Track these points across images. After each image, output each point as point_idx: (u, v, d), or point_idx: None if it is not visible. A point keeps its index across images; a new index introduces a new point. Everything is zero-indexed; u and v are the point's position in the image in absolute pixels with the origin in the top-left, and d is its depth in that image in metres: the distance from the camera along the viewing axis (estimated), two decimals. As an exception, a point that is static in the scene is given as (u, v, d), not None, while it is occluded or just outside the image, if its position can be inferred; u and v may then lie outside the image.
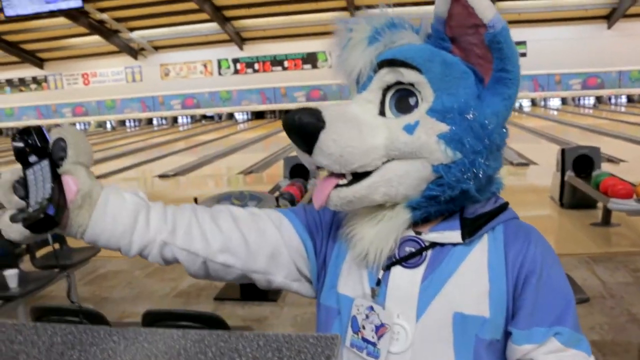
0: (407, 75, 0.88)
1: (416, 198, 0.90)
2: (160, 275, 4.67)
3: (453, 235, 0.92)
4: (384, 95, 0.92)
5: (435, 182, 0.88)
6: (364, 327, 0.92)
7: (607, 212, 5.37)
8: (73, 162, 0.91)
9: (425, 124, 0.86)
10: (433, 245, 0.92)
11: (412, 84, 0.89)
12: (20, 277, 3.35)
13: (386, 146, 0.87)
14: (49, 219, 0.83)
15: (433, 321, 0.89)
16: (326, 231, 1.05)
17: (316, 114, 0.86)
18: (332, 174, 0.91)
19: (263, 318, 3.72)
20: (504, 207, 0.97)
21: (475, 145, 0.86)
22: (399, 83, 0.90)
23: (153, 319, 2.21)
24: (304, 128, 0.85)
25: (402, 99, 0.90)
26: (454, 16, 0.88)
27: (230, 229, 1.00)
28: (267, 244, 1.01)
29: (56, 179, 0.87)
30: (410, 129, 0.87)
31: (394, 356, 0.90)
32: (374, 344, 0.91)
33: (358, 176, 0.89)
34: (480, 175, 0.88)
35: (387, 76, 0.90)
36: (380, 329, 0.91)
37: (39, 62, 25.28)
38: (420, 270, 0.91)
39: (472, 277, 0.90)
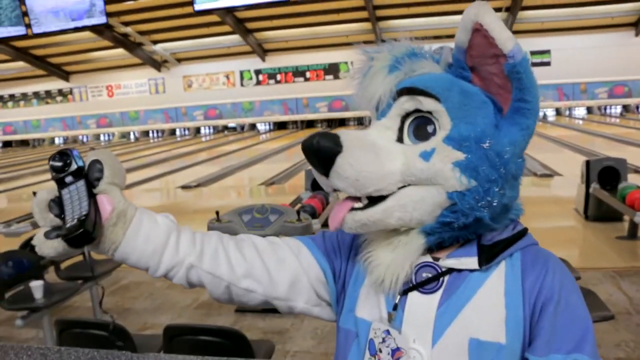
0: (426, 104, 0.90)
1: (430, 224, 0.91)
2: (181, 286, 4.69)
3: (470, 261, 0.92)
4: (402, 123, 0.94)
5: (449, 209, 0.89)
6: (380, 351, 0.93)
7: (634, 226, 5.27)
8: (108, 182, 0.94)
9: (442, 151, 0.88)
10: (450, 271, 0.93)
11: (430, 112, 0.90)
12: (46, 288, 3.41)
13: (402, 172, 0.89)
14: (86, 233, 0.87)
15: (449, 347, 0.89)
16: (345, 256, 1.07)
17: (334, 138, 0.88)
18: (348, 197, 0.93)
19: (284, 330, 3.72)
20: (523, 233, 0.97)
21: (490, 174, 0.87)
22: (417, 111, 0.92)
23: (174, 333, 2.23)
24: (322, 151, 0.87)
25: (420, 126, 0.92)
26: (474, 46, 0.89)
27: (253, 257, 1.03)
28: (287, 272, 1.04)
29: (92, 197, 0.91)
30: (426, 155, 0.88)
31: None
32: None
33: (373, 200, 0.90)
34: (495, 204, 0.89)
35: (406, 104, 0.92)
36: (396, 352, 0.91)
37: (65, 75, 25.81)
38: (437, 296, 0.92)
39: (489, 304, 0.90)
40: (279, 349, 3.33)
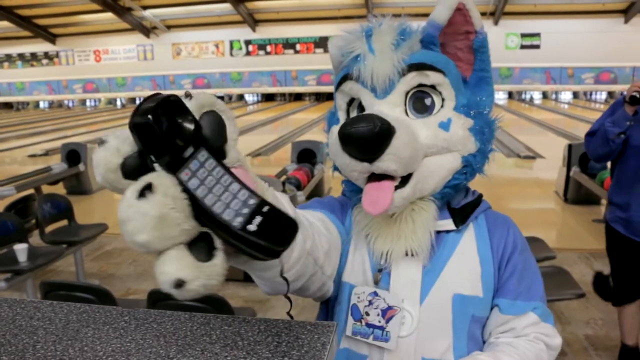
0: (433, 78, 0.93)
1: (440, 190, 0.97)
2: (166, 254, 4.73)
3: (447, 223, 1.00)
4: (405, 98, 0.95)
5: (459, 172, 0.97)
6: (367, 314, 0.97)
7: (611, 210, 5.38)
8: (235, 146, 0.64)
9: (457, 120, 0.94)
10: None
11: (433, 86, 0.94)
12: (30, 251, 3.42)
13: (427, 145, 0.92)
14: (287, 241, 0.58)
15: (435, 303, 0.96)
16: (342, 221, 1.06)
17: (381, 119, 0.85)
18: (384, 178, 0.91)
19: (265, 299, 3.78)
20: (481, 198, 1.06)
21: (489, 135, 0.98)
22: (420, 85, 0.94)
23: (158, 297, 2.27)
24: (382, 135, 0.85)
25: (418, 100, 0.95)
26: (452, 23, 0.95)
27: (322, 238, 0.91)
28: (334, 248, 0.97)
29: (235, 179, 0.58)
30: (445, 126, 0.93)
31: (400, 340, 0.96)
32: (381, 328, 0.96)
33: (403, 177, 0.92)
34: (488, 160, 1.00)
35: (414, 80, 0.93)
36: (388, 311, 0.96)
37: (52, 38, 25.29)
38: (421, 257, 0.98)
39: (466, 260, 0.99)
40: (260, 317, 3.38)
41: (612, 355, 2.85)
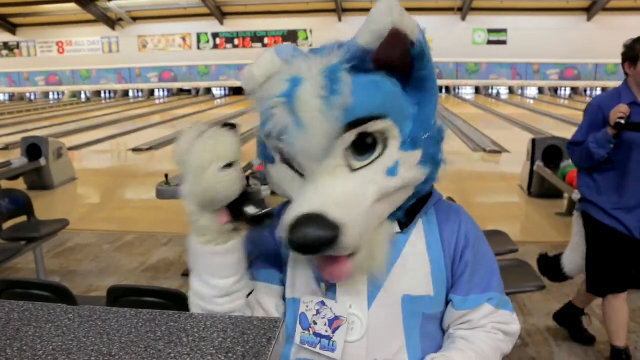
0: (374, 126, 0.87)
1: (395, 211, 0.96)
2: (128, 249, 4.66)
3: (393, 226, 0.99)
4: (345, 151, 0.89)
5: (414, 195, 0.96)
6: (315, 323, 0.96)
7: (572, 203, 5.46)
8: None
9: (405, 160, 0.90)
10: None
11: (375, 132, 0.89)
12: (-14, 248, 3.33)
13: (378, 198, 0.89)
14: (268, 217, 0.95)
15: (384, 306, 0.95)
16: (279, 255, 1.06)
17: (326, 222, 0.82)
18: None
19: (231, 296, 3.74)
20: (431, 191, 1.04)
21: (438, 150, 0.95)
22: (360, 134, 0.88)
23: (118, 294, 2.23)
24: (328, 243, 0.82)
25: (358, 144, 0.88)
26: (385, 44, 0.86)
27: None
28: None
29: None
30: (392, 171, 0.89)
31: (351, 345, 0.94)
32: (328, 338, 0.95)
33: None
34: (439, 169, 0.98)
35: (351, 136, 0.87)
36: (334, 322, 0.95)
37: (12, 28, 24.61)
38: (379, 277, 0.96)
39: (414, 260, 0.97)
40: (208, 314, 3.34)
41: (571, 346, 2.90)
